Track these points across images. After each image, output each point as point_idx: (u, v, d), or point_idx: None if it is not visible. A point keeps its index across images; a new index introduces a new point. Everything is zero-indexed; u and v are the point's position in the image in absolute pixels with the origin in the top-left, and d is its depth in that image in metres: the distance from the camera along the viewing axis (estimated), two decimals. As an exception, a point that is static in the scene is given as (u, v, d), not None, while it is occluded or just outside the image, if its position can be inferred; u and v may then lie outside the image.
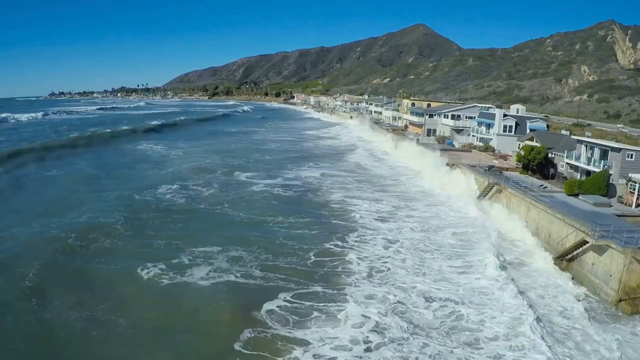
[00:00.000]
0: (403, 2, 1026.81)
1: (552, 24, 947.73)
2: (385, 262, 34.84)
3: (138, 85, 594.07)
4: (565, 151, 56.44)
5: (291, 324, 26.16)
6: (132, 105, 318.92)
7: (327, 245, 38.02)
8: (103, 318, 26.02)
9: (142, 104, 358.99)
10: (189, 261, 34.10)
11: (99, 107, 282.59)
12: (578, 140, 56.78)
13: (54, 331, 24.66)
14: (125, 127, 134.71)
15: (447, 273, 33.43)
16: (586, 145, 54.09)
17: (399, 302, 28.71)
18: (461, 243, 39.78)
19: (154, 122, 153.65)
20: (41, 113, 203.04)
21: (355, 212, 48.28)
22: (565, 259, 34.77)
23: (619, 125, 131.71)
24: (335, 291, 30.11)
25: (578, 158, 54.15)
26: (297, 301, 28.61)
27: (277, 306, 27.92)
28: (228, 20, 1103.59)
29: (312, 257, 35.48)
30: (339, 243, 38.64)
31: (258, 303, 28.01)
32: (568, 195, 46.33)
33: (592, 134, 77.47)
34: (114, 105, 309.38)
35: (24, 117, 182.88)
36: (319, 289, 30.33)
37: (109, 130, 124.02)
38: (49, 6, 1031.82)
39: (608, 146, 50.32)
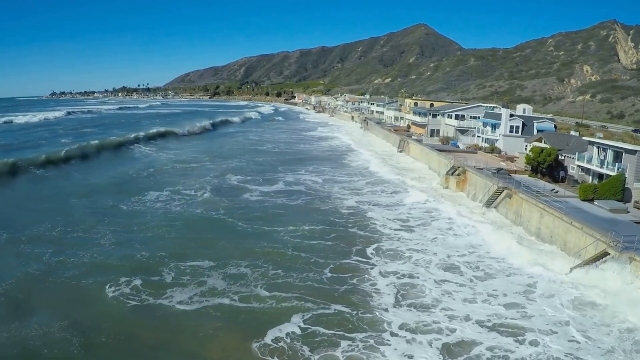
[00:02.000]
0: (404, 2, 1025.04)
1: (554, 24, 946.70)
2: (419, 281, 31.00)
3: (139, 85, 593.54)
4: (577, 153, 53.94)
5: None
6: (147, 105, 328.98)
7: (347, 260, 34.13)
8: (59, 335, 23.15)
9: (157, 103, 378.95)
10: (173, 279, 30.00)
11: (118, 106, 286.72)
12: (589, 141, 54.21)
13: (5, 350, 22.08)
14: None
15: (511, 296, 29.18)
16: (598, 147, 51.54)
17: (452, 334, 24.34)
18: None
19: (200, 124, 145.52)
20: (64, 112, 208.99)
21: (372, 219, 44.83)
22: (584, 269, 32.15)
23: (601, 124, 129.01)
24: (370, 315, 26.09)
25: (590, 160, 51.64)
26: (314, 327, 24.35)
27: (288, 333, 23.68)
28: (229, 20, 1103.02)
29: (328, 273, 31.52)
30: (360, 258, 34.75)
31: (262, 334, 23.59)
32: (582, 200, 43.79)
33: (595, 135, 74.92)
34: (132, 105, 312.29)
35: (51, 115, 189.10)
36: (345, 314, 26.04)
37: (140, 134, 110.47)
38: (50, 6, 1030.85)
39: (622, 148, 47.77)
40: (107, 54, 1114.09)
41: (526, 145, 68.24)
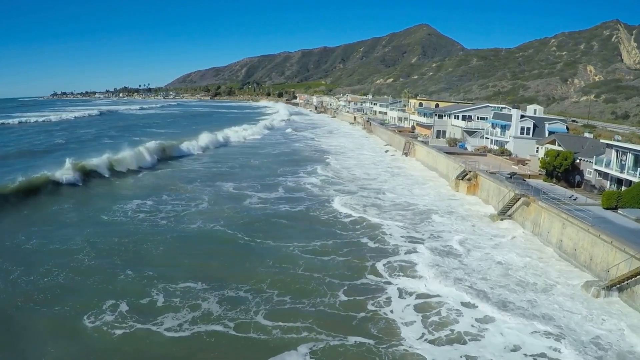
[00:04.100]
0: (406, 2, 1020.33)
1: (556, 23, 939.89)
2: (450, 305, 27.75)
3: (140, 86, 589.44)
4: (594, 156, 51.14)
5: None
6: (160, 105, 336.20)
7: (362, 280, 30.75)
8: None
9: (174, 103, 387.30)
10: (164, 302, 26.57)
11: (139, 106, 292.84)
12: (607, 144, 51.30)
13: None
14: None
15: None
16: (617, 150, 48.64)
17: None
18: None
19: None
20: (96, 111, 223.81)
21: (383, 231, 41.03)
22: (613, 289, 29.35)
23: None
24: (402, 347, 22.92)
25: (608, 164, 48.84)
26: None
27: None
28: (231, 21, 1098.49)
29: (343, 297, 28.00)
30: (375, 277, 31.33)
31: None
32: (605, 208, 40.90)
33: (603, 136, 72.05)
34: (147, 106, 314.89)
35: (86, 113, 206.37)
36: (368, 344, 22.89)
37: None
38: (51, 6, 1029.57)
39: (644, 152, 44.92)
40: (108, 54, 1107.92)
41: (537, 148, 65.51)
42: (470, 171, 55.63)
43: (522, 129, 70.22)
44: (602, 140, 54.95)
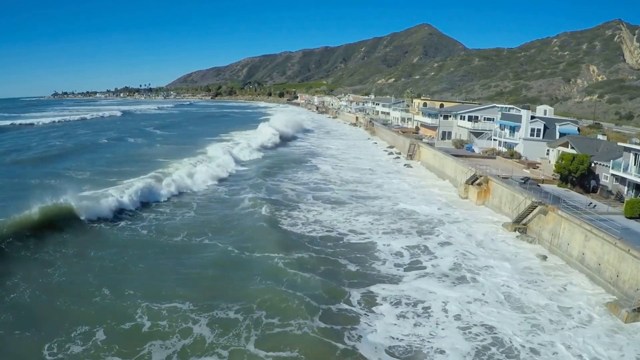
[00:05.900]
0: (407, 1, 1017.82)
1: (558, 23, 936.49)
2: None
3: (141, 86, 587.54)
4: (611, 160, 48.10)
5: None
6: (173, 105, 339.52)
7: (338, 307, 26.77)
8: None
9: (187, 102, 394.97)
10: (150, 327, 23.03)
11: (156, 106, 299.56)
12: (625, 147, 48.28)
13: None
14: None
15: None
16: (636, 154, 45.61)
17: None
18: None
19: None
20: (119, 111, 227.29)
21: (375, 248, 37.13)
22: (647, 309, 26.40)
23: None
24: None
25: (626, 169, 45.81)
26: None
27: None
28: (231, 20, 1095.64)
29: (321, 323, 24.54)
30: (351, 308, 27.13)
31: None
32: (628, 217, 37.85)
33: (610, 137, 68.89)
34: (164, 106, 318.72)
35: (109, 113, 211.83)
36: None
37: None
38: (51, 5, 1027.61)
39: (666, 156, 41.95)
40: (108, 54, 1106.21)
41: (548, 150, 62.58)
42: (480, 175, 52.47)
43: (533, 130, 67.10)
44: (619, 143, 51.91)
